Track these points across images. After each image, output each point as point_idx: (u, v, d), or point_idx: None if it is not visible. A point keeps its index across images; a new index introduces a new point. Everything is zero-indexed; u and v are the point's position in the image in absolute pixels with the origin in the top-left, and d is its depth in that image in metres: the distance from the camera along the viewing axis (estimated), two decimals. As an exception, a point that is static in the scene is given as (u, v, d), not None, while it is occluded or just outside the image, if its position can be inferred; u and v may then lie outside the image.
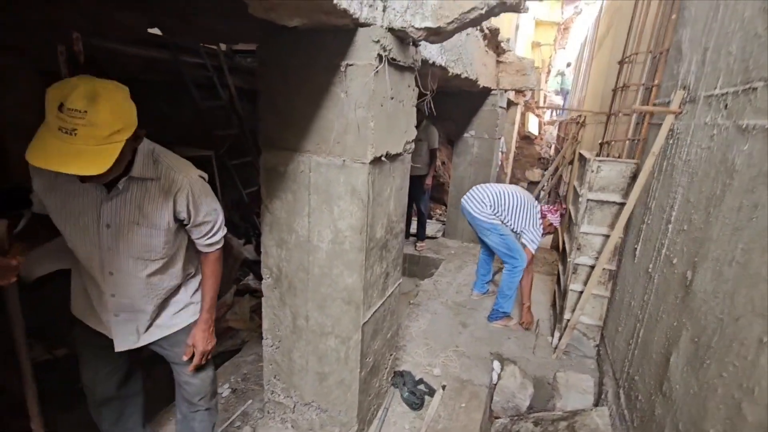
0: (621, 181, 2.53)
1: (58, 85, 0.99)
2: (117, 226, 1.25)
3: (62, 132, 0.96)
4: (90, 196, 1.23)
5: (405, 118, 1.84)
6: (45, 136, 0.97)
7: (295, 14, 1.34)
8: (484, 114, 4.76)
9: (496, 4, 1.39)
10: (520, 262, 3.05)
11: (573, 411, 2.29)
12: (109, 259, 1.28)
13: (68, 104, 0.96)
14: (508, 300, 3.16)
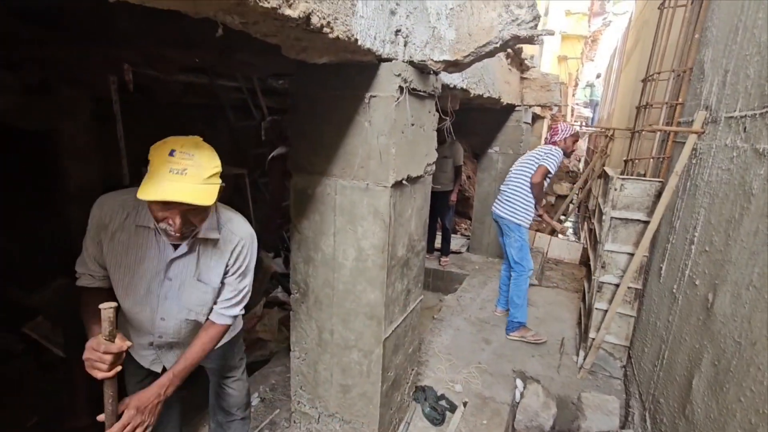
0: (645, 199, 2.52)
1: (163, 142, 1.14)
2: (180, 280, 1.31)
3: (173, 173, 1.08)
4: (156, 248, 1.28)
5: (425, 142, 1.94)
6: (156, 179, 1.07)
7: (324, 54, 1.47)
8: (508, 130, 4.80)
9: (510, 38, 1.48)
10: (526, 270, 3.16)
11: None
12: (164, 307, 1.34)
13: (179, 149, 1.10)
14: (519, 309, 3.19)
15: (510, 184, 3.28)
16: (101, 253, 1.29)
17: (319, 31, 1.15)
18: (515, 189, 3.22)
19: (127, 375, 1.51)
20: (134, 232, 1.27)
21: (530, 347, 3.14)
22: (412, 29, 1.60)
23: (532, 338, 3.19)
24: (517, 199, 3.19)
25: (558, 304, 3.91)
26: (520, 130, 4.74)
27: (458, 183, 4.78)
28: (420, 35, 1.59)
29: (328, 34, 1.19)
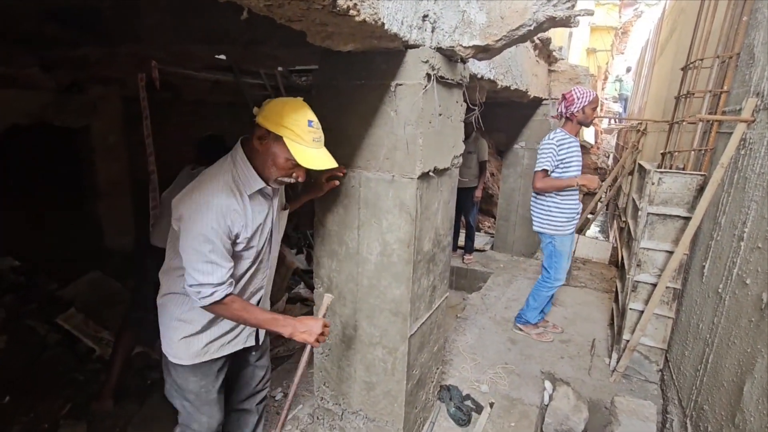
0: (686, 194, 2.37)
1: (293, 109, 1.27)
2: (278, 227, 1.52)
3: (315, 142, 1.28)
4: (266, 205, 1.42)
5: (453, 133, 1.87)
6: (306, 148, 1.26)
7: (350, 40, 1.43)
8: (534, 124, 4.65)
9: (545, 20, 1.40)
10: (552, 280, 2.91)
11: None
12: (271, 258, 1.54)
13: (312, 119, 1.28)
14: (532, 311, 3.06)
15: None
16: (231, 245, 1.32)
17: (345, 13, 1.11)
18: (533, 194, 2.91)
19: (205, 380, 1.50)
20: (248, 201, 1.35)
21: (559, 348, 3.02)
22: (440, 14, 1.53)
23: (537, 336, 3.08)
24: (535, 205, 2.90)
25: (587, 304, 3.76)
26: (547, 124, 4.59)
27: (483, 179, 4.67)
28: (449, 20, 1.53)
29: (354, 17, 1.14)
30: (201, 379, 1.48)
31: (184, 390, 1.48)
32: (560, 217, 2.77)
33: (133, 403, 2.70)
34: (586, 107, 2.65)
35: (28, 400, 2.53)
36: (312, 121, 1.28)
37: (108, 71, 3.25)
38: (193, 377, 1.47)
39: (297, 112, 1.27)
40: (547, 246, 2.90)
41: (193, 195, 1.27)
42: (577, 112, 2.68)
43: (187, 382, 1.47)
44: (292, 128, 1.25)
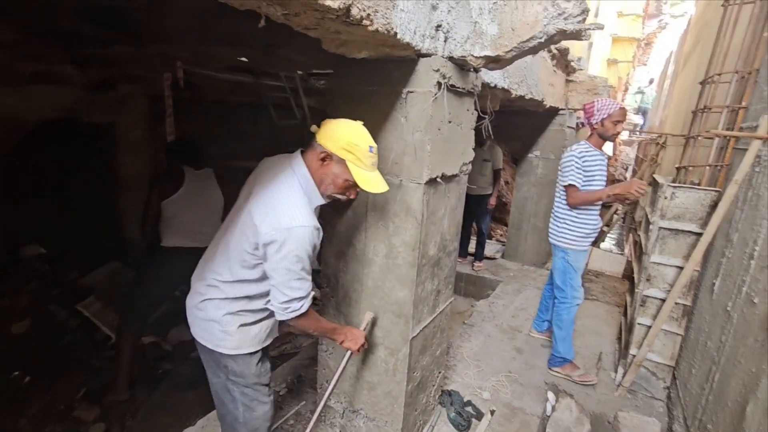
0: (699, 209, 2.34)
1: (358, 135, 1.36)
2: None
3: (374, 166, 1.39)
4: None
5: (463, 140, 1.90)
6: (368, 172, 1.37)
7: (363, 48, 1.48)
8: (550, 134, 4.63)
9: (555, 33, 1.42)
10: (570, 298, 2.70)
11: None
12: None
13: (373, 145, 1.37)
14: (562, 342, 2.76)
15: (556, 199, 2.77)
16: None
17: (358, 23, 1.16)
18: (555, 205, 2.75)
19: (262, 364, 1.58)
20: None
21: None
22: (453, 24, 1.57)
23: (579, 379, 2.73)
24: (555, 217, 2.73)
25: (597, 317, 3.72)
26: (563, 134, 4.57)
27: (497, 187, 4.67)
28: (461, 30, 1.57)
29: (367, 26, 1.19)
30: (260, 364, 1.57)
31: (246, 377, 1.54)
32: (577, 232, 2.61)
33: (144, 391, 2.79)
34: (605, 120, 2.49)
35: (47, 382, 2.65)
36: (372, 146, 1.37)
37: (136, 70, 3.39)
38: (254, 361, 1.54)
39: (359, 137, 1.36)
40: (560, 260, 2.72)
41: (283, 221, 1.30)
42: (596, 125, 2.53)
43: (249, 367, 1.53)
44: (356, 153, 1.33)
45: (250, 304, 1.48)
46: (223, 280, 1.45)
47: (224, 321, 1.46)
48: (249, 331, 1.50)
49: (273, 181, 1.40)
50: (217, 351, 1.49)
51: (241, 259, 1.39)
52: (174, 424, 2.49)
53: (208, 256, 1.53)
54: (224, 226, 1.52)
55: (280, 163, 1.47)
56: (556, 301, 2.81)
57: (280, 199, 1.35)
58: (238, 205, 1.49)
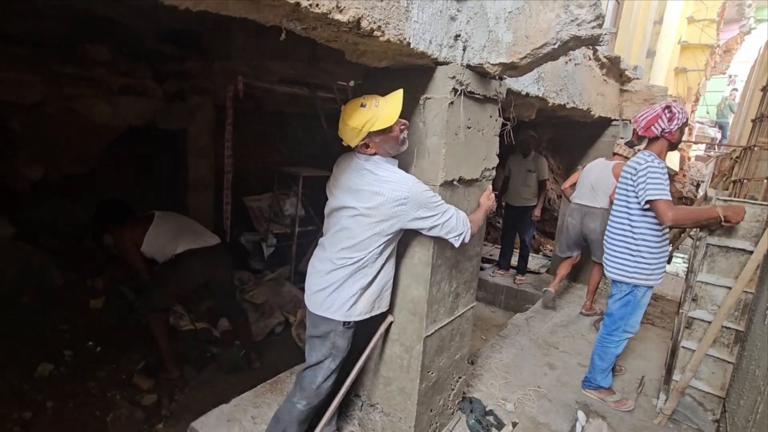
0: (754, 225, 2.15)
1: (353, 113, 1.53)
2: None
3: (378, 106, 1.55)
4: None
5: (485, 146, 1.94)
6: (383, 109, 1.53)
7: (383, 57, 1.60)
8: (602, 145, 4.42)
9: (569, 39, 1.44)
10: (621, 332, 2.42)
11: (667, 486, 1.98)
12: None
13: (363, 102, 1.55)
14: (601, 374, 2.56)
15: (610, 223, 2.41)
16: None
17: (369, 34, 1.28)
18: (613, 231, 2.37)
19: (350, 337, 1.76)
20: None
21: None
22: (471, 34, 1.65)
23: (614, 404, 2.55)
24: (617, 245, 2.33)
25: (646, 340, 3.46)
26: (617, 146, 4.34)
27: (542, 198, 4.55)
28: (478, 39, 1.64)
29: (379, 37, 1.31)
30: (350, 339, 1.75)
31: (339, 348, 1.72)
32: (653, 264, 2.24)
33: (193, 370, 3.09)
34: (683, 127, 2.21)
35: (114, 353, 3.03)
36: (363, 104, 1.53)
37: (204, 83, 3.82)
38: (348, 334, 1.72)
39: (353, 115, 1.52)
40: (624, 297, 2.35)
41: (397, 182, 1.56)
42: (675, 131, 2.19)
43: (343, 339, 1.71)
44: (366, 121, 1.50)
45: (358, 273, 1.69)
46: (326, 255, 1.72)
47: (343, 286, 1.70)
48: (362, 297, 1.72)
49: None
50: (333, 318, 1.70)
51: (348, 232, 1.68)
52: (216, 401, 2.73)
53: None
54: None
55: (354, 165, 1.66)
56: (603, 331, 2.51)
57: (387, 176, 1.58)
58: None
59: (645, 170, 2.13)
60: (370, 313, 1.75)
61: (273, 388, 2.39)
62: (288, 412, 1.79)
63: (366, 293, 1.70)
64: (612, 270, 2.37)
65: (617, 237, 2.35)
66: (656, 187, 2.08)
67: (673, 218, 2.04)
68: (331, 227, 1.69)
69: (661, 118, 2.17)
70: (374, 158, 1.59)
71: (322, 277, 1.68)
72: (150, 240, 2.62)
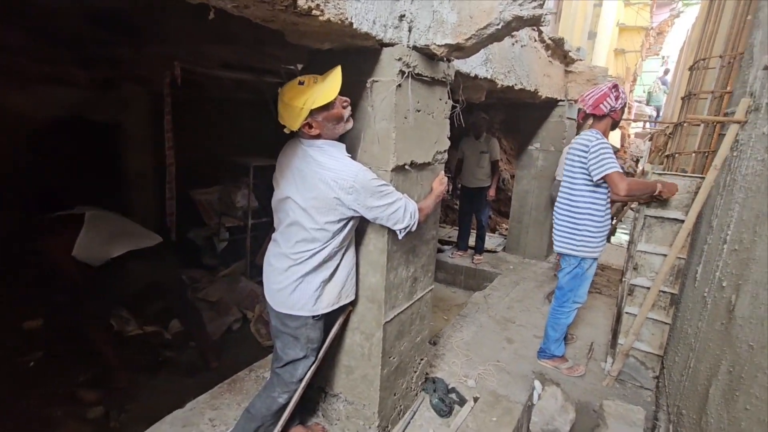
0: (685, 196, 2.31)
1: (292, 94, 1.48)
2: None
3: (317, 82, 1.51)
4: None
5: (435, 129, 1.93)
6: (322, 85, 1.48)
7: (325, 39, 1.53)
8: (550, 126, 4.59)
9: (512, 19, 1.44)
10: (570, 303, 2.56)
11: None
12: None
13: (301, 80, 1.51)
14: (555, 343, 2.70)
15: (558, 200, 2.51)
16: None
17: (308, 13, 1.21)
18: (562, 207, 2.47)
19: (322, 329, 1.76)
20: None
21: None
22: (416, 14, 1.61)
23: (567, 371, 2.69)
24: (566, 221, 2.44)
25: (594, 308, 3.68)
26: (563, 125, 4.52)
27: (496, 178, 4.66)
28: (424, 20, 1.60)
29: (318, 16, 1.24)
30: (323, 330, 1.74)
31: (312, 341, 1.70)
32: (597, 237, 2.37)
33: (145, 377, 2.93)
34: (624, 106, 2.33)
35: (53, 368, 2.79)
36: (301, 81, 1.48)
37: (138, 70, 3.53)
38: (320, 325, 1.70)
39: (292, 95, 1.47)
40: (572, 270, 2.48)
41: (342, 170, 1.51)
42: (619, 110, 2.31)
43: (315, 331, 1.69)
44: (307, 99, 1.43)
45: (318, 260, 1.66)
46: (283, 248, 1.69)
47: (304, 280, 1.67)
48: (325, 290, 1.70)
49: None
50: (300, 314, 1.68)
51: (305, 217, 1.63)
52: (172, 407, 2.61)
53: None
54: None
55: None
56: (555, 303, 2.65)
57: (329, 164, 1.53)
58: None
59: (597, 147, 2.22)
60: (337, 303, 1.72)
61: (232, 387, 2.31)
62: (267, 408, 1.75)
63: (329, 285, 1.66)
64: (561, 245, 2.49)
65: (564, 213, 2.46)
66: (609, 161, 2.18)
67: (626, 188, 2.15)
68: (282, 221, 1.62)
69: (609, 97, 2.27)
70: (318, 142, 1.53)
71: (280, 275, 1.62)
72: (82, 244, 2.42)
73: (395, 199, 1.58)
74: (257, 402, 1.79)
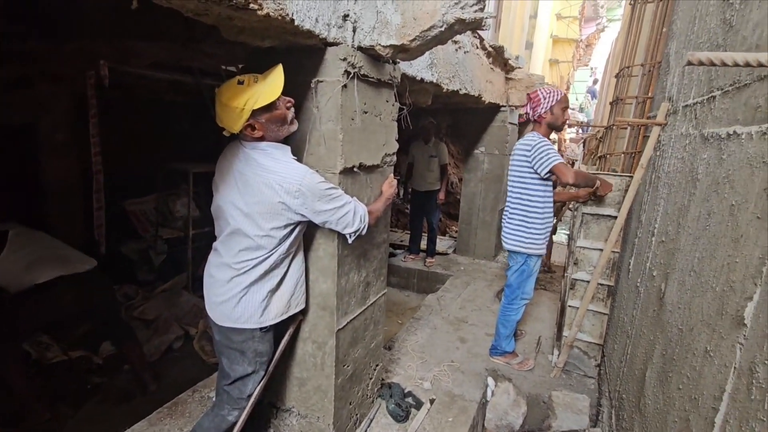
0: (616, 194, 2.48)
1: (231, 94, 1.38)
2: None
3: (258, 81, 1.43)
4: None
5: (383, 131, 1.92)
6: (263, 85, 1.42)
7: (265, 36, 1.46)
8: (493, 130, 4.78)
9: (455, 22, 1.46)
10: (519, 300, 2.65)
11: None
12: None
13: (239, 79, 1.43)
14: (506, 339, 2.78)
15: (508, 201, 2.61)
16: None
17: (245, 7, 1.14)
18: (511, 207, 2.56)
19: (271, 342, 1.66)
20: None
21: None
22: (360, 14, 1.59)
23: (518, 366, 2.79)
24: (518, 221, 2.52)
25: (540, 304, 3.85)
26: (506, 130, 4.73)
27: (445, 182, 4.76)
28: (368, 20, 1.58)
29: (256, 10, 1.17)
30: (273, 342, 1.65)
31: (261, 354, 1.60)
32: (541, 234, 2.49)
33: (70, 407, 2.63)
34: (554, 107, 2.40)
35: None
36: (240, 81, 1.40)
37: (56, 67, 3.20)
38: (268, 336, 1.61)
39: (233, 96, 1.37)
40: (519, 268, 2.58)
41: (288, 173, 1.44)
42: (545, 113, 2.41)
43: (263, 344, 1.60)
44: (248, 100, 1.36)
45: (264, 268, 1.58)
46: (230, 258, 1.57)
47: (249, 290, 1.58)
48: (273, 299, 1.63)
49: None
50: (246, 327, 1.59)
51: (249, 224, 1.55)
52: (104, 438, 2.36)
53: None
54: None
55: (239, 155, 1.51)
56: (504, 301, 2.73)
57: (274, 167, 1.45)
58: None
59: (538, 145, 2.36)
60: (287, 313, 1.64)
61: (173, 411, 2.13)
62: (216, 427, 1.62)
63: (277, 294, 1.58)
64: (510, 242, 2.59)
65: (515, 211, 2.55)
66: (553, 155, 2.32)
67: (573, 176, 2.31)
68: (223, 229, 1.52)
69: (540, 104, 2.45)
70: (262, 144, 1.46)
71: (222, 287, 1.51)
72: (2, 267, 2.12)
73: (344, 203, 1.53)
74: (205, 422, 1.65)
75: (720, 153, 1.20)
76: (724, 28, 1.36)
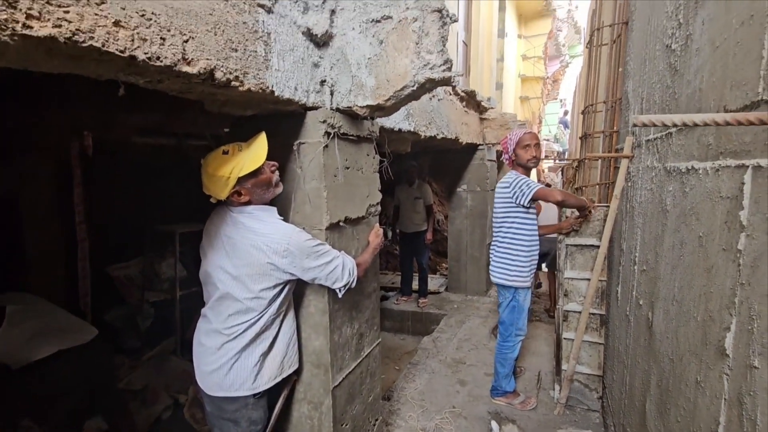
0: (596, 224, 2.56)
1: (217, 164, 1.43)
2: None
3: (241, 149, 1.49)
4: None
5: (366, 183, 1.98)
6: (250, 152, 1.47)
7: (247, 106, 1.54)
8: (473, 168, 4.94)
9: (425, 81, 1.57)
10: (513, 336, 2.65)
11: (575, 473, 2.14)
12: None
13: (224, 149, 1.48)
14: (505, 378, 2.76)
15: (494, 236, 2.70)
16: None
17: (226, 85, 1.21)
18: (497, 243, 2.65)
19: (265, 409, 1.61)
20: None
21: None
22: (336, 79, 1.69)
23: (520, 406, 2.74)
24: (503, 255, 2.59)
25: (537, 337, 3.83)
26: (485, 167, 4.89)
27: (432, 221, 4.83)
28: (344, 84, 1.68)
29: (238, 87, 1.25)
30: (266, 408, 1.60)
31: (256, 422, 1.55)
32: (526, 267, 2.55)
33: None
34: (516, 148, 2.55)
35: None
36: (225, 150, 1.45)
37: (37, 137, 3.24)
38: (262, 402, 1.57)
39: (218, 166, 1.42)
40: (509, 303, 2.62)
41: (275, 233, 1.46)
42: (513, 156, 2.59)
43: (257, 411, 1.55)
44: (234, 169, 1.40)
45: (255, 331, 1.57)
46: (221, 323, 1.56)
47: (241, 356, 1.55)
48: (265, 363, 1.60)
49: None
50: (239, 395, 1.55)
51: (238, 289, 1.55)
52: None
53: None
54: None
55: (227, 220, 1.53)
56: (499, 339, 2.72)
57: (263, 229, 1.48)
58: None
59: (516, 180, 2.49)
60: (280, 376, 1.60)
61: (165, 491, 2.00)
62: None
63: (269, 357, 1.55)
64: (497, 275, 2.63)
65: (501, 245, 2.62)
66: (532, 185, 2.45)
67: (560, 193, 2.51)
68: (212, 294, 1.51)
69: (503, 150, 2.67)
70: (248, 208, 1.49)
71: (212, 354, 1.48)
72: (2, 343, 2.04)
73: (332, 258, 1.55)
74: None
75: (683, 186, 1.28)
76: (671, 71, 1.49)
